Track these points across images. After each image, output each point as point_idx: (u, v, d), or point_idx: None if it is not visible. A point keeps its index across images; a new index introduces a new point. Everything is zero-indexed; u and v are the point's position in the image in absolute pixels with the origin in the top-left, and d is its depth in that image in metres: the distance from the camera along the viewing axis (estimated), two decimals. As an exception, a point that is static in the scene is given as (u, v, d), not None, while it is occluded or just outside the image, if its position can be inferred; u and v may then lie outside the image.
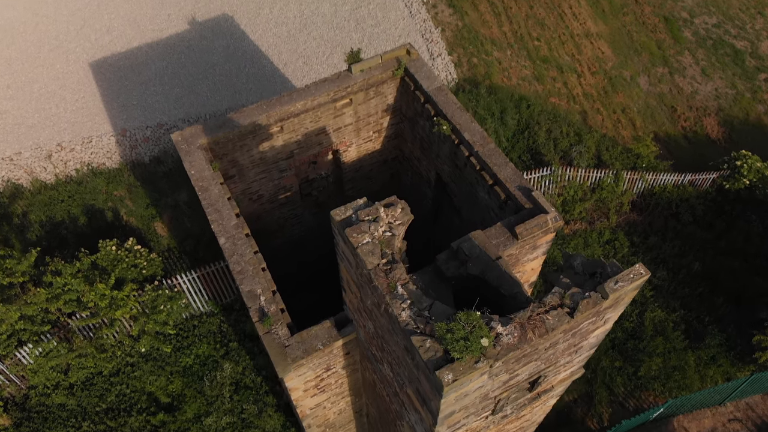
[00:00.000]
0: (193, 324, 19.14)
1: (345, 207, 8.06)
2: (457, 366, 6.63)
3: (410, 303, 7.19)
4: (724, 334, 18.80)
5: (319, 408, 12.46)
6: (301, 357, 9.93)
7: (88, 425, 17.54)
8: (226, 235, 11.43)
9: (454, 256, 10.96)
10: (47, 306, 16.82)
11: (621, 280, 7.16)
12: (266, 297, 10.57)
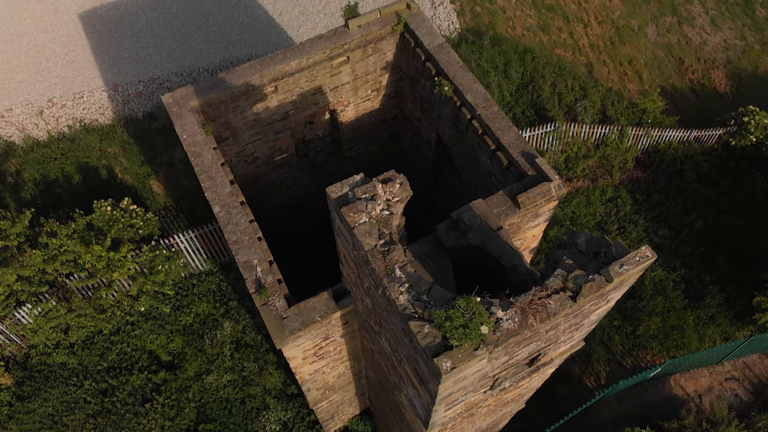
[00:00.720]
0: (192, 283, 19.09)
1: (341, 183, 7.74)
2: (456, 353, 6.46)
3: (408, 287, 6.97)
4: (724, 294, 18.75)
5: (318, 373, 12.47)
6: (299, 329, 9.81)
7: (90, 383, 17.71)
8: (220, 203, 11.14)
9: (454, 226, 10.71)
10: (44, 267, 16.72)
11: (626, 264, 6.92)
12: (263, 268, 10.38)
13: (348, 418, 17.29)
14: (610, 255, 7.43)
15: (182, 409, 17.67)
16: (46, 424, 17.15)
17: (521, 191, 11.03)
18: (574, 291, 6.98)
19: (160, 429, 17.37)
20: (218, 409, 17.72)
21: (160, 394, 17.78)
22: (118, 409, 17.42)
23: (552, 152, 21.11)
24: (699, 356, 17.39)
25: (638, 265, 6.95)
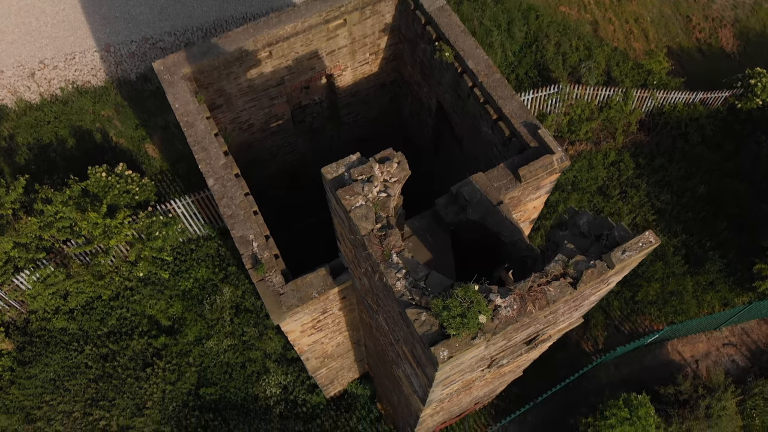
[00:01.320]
0: (190, 248, 18.97)
1: (337, 164, 7.50)
2: (453, 342, 6.36)
3: (405, 273, 6.82)
4: (724, 260, 18.67)
5: (317, 344, 12.47)
6: (296, 305, 9.73)
7: (91, 348, 17.81)
8: (214, 176, 10.92)
9: (453, 200, 10.51)
10: (40, 234, 16.60)
11: (629, 249, 6.76)
12: (259, 243, 10.23)
13: (347, 382, 17.46)
14: (613, 238, 7.26)
15: (183, 374, 17.83)
16: (47, 389, 17.32)
17: (523, 164, 10.80)
18: (575, 277, 6.83)
19: (162, 393, 17.56)
20: (219, 373, 17.88)
21: (160, 358, 17.91)
22: (119, 374, 17.57)
23: (555, 115, 20.71)
24: (697, 322, 17.44)
25: (641, 250, 6.79)
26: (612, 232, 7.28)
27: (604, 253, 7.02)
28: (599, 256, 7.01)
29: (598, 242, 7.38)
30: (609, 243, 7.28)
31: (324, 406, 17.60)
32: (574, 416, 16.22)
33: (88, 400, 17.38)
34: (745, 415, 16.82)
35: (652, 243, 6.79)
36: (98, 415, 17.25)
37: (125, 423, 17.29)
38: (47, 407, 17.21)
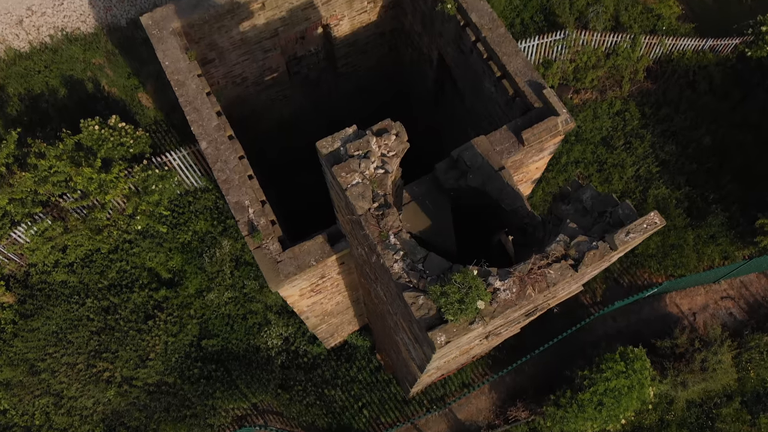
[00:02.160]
0: (188, 200, 18.79)
1: (332, 138, 7.20)
2: (451, 327, 6.27)
3: (403, 254, 6.65)
4: (726, 213, 18.49)
5: (316, 305, 12.47)
6: (294, 273, 9.63)
7: (92, 301, 17.91)
8: (207, 138, 10.60)
9: (453, 165, 10.24)
10: (35, 188, 16.40)
11: (633, 231, 6.56)
12: (255, 209, 10.03)
13: (347, 334, 17.64)
14: (616, 217, 7.06)
15: (185, 326, 18.00)
16: (50, 341, 17.53)
17: (526, 126, 10.47)
18: (576, 259, 6.67)
19: (164, 345, 17.78)
20: (220, 325, 18.04)
21: (161, 311, 18.04)
22: (121, 326, 17.74)
23: (560, 62, 20.07)
24: (696, 277, 17.44)
25: (645, 232, 6.59)
26: (616, 210, 7.07)
27: (607, 233, 6.83)
28: (602, 236, 6.82)
29: (602, 219, 7.18)
30: (612, 221, 7.08)
31: (324, 357, 17.85)
32: (570, 368, 16.45)
33: (91, 352, 17.62)
34: (741, 368, 17.06)
35: (657, 224, 6.59)
36: (102, 367, 17.53)
37: (129, 374, 17.59)
38: (51, 359, 17.47)
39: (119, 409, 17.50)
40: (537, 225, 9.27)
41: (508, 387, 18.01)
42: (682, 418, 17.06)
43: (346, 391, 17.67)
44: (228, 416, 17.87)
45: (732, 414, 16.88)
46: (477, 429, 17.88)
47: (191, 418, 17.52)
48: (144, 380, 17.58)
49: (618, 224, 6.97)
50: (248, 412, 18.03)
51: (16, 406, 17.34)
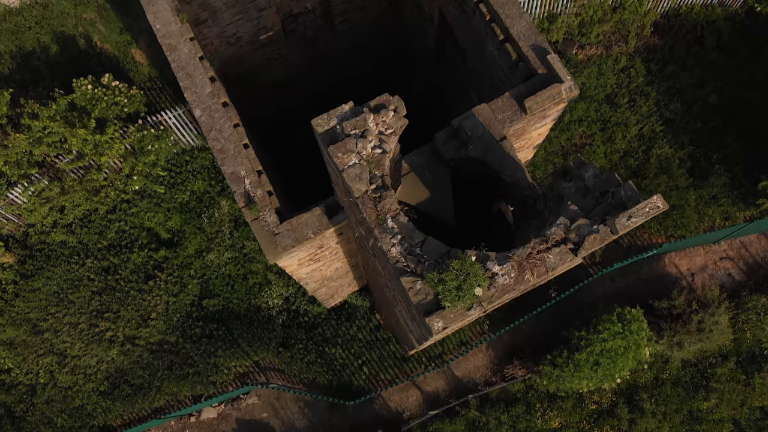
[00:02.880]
0: (185, 159, 18.60)
1: (328, 115, 6.99)
2: (448, 314, 6.22)
3: (401, 238, 6.54)
4: (729, 173, 18.28)
5: (315, 272, 12.46)
6: (292, 246, 9.55)
7: (92, 262, 17.95)
8: (201, 106, 10.34)
9: (454, 135, 10.02)
10: (30, 149, 16.19)
11: (635, 215, 6.43)
12: (251, 180, 9.87)
13: (347, 295, 17.74)
14: (618, 198, 6.92)
15: (185, 286, 18.08)
16: (52, 301, 17.65)
17: (529, 94, 10.18)
18: (576, 243, 6.56)
19: (165, 305, 17.91)
20: (221, 285, 18.13)
21: (162, 271, 18.09)
22: (122, 287, 17.83)
23: (566, 15, 19.46)
24: (696, 239, 17.39)
25: (647, 216, 6.47)
26: (618, 191, 6.92)
27: (609, 216, 6.70)
28: (603, 218, 6.70)
29: (603, 200, 7.05)
30: (615, 202, 6.94)
31: (325, 316, 18.01)
32: (567, 329, 16.60)
33: (93, 312, 17.77)
34: (737, 328, 17.22)
35: (660, 208, 6.46)
36: (104, 327, 17.71)
37: (131, 333, 17.78)
38: (53, 319, 17.63)
39: (123, 368, 17.78)
40: (537, 197, 9.14)
41: (506, 345, 18.24)
42: (677, 377, 17.34)
43: (346, 349, 17.90)
44: (230, 373, 18.17)
45: (727, 373, 17.14)
46: (474, 386, 18.21)
47: (194, 376, 17.81)
48: (146, 339, 17.79)
49: (620, 205, 6.83)
50: (250, 369, 18.32)
51: (20, 365, 17.61)
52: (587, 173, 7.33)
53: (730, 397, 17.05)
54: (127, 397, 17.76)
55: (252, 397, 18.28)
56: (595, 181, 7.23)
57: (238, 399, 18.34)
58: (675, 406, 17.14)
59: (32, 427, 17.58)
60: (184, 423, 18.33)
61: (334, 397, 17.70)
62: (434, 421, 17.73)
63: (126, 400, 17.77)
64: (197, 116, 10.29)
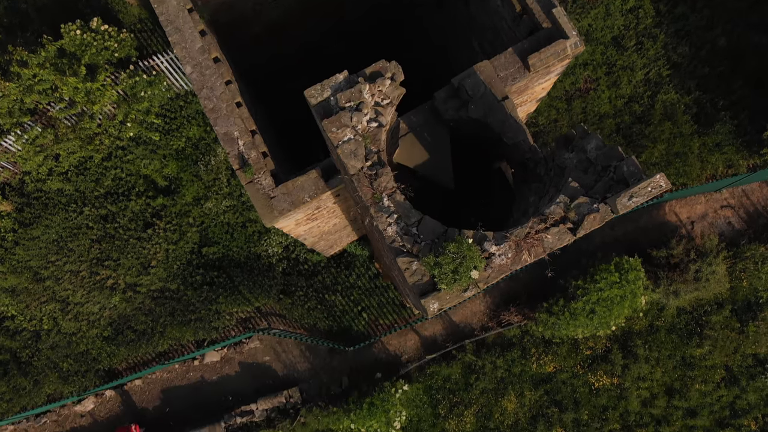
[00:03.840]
0: (179, 105, 18.21)
1: (321, 86, 6.73)
2: (444, 295, 6.18)
3: (397, 218, 6.42)
4: (735, 120, 17.91)
5: (313, 229, 12.41)
6: (288, 210, 9.44)
7: (90, 210, 17.89)
8: (191, 62, 9.98)
9: (454, 94, 9.73)
10: (22, 98, 15.84)
11: (636, 195, 6.28)
12: (245, 141, 9.65)
13: (346, 244, 17.77)
14: (620, 173, 6.76)
15: (184, 233, 18.09)
16: (51, 249, 17.70)
17: (533, 50, 9.81)
18: (575, 222, 6.45)
19: (165, 253, 17.97)
20: (220, 233, 18.12)
21: (160, 219, 18.06)
22: (121, 235, 17.84)
23: (572, -48, 18.58)
24: (698, 188, 17.23)
25: (649, 196, 6.32)
26: (621, 165, 6.75)
27: (610, 193, 6.56)
28: (604, 196, 6.56)
29: (605, 174, 6.88)
30: (616, 177, 6.78)
31: (324, 264, 18.11)
32: (564, 277, 16.70)
33: (93, 260, 17.85)
34: (734, 277, 17.32)
35: (663, 187, 6.31)
36: (105, 274, 17.84)
37: (132, 281, 17.93)
38: (54, 267, 17.74)
39: (125, 314, 18.04)
40: (539, 160, 8.96)
41: (503, 292, 18.42)
42: (672, 324, 17.61)
43: (346, 296, 18.10)
44: (232, 319, 18.44)
45: (721, 321, 17.39)
46: (471, 330, 18.52)
47: (196, 322, 18.09)
48: (147, 287, 17.96)
49: (622, 181, 6.68)
50: (252, 314, 18.60)
51: (23, 312, 17.86)
52: (590, 145, 7.14)
53: (724, 345, 17.37)
54: (131, 343, 18.11)
55: (254, 341, 18.64)
56: (598, 154, 7.04)
57: (240, 343, 18.70)
58: (668, 353, 17.49)
59: (38, 371, 18.02)
60: (188, 366, 18.77)
61: (335, 342, 18.05)
62: (431, 364, 18.15)
63: (130, 345, 18.13)
64: (188, 73, 9.96)
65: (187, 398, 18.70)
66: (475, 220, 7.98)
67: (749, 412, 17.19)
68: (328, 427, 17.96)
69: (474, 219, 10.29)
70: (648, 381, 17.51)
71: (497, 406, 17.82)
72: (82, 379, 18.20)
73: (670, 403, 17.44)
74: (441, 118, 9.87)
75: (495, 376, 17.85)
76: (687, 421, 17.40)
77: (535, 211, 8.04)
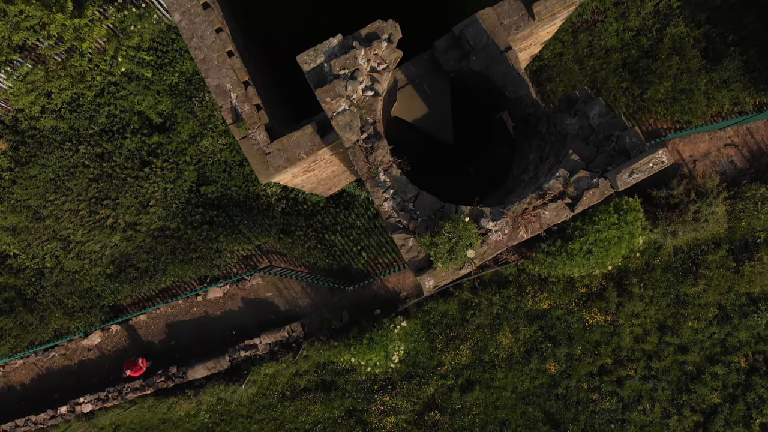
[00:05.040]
0: (170, 37, 17.60)
1: (314, 51, 6.46)
2: (440, 272, 6.18)
3: (393, 193, 6.32)
4: (744, 56, 17.33)
5: (310, 178, 12.29)
6: (284, 166, 9.28)
7: (85, 148, 17.71)
8: (180, 9, 9.52)
9: (455, 43, 9.37)
10: (9, 35, 15.33)
11: (637, 171, 6.15)
12: (237, 94, 9.36)
13: (345, 185, 17.67)
14: (622, 144, 6.62)
15: (182, 172, 17.97)
16: (49, 188, 17.65)
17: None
18: (574, 198, 6.35)
19: (163, 191, 17.92)
20: (218, 171, 18.00)
21: (156, 157, 17.89)
22: (118, 174, 17.73)
23: None
24: (702, 128, 16.92)
25: (650, 172, 6.19)
26: (623, 136, 6.58)
27: (611, 166, 6.42)
28: (604, 169, 6.43)
29: (607, 144, 6.71)
30: (618, 147, 6.62)
31: (323, 204, 18.08)
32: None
33: (92, 199, 17.83)
34: (733, 217, 17.30)
35: (664, 163, 6.17)
36: (104, 214, 17.87)
37: (132, 220, 17.99)
38: (53, 206, 17.75)
39: (127, 252, 18.22)
40: (540, 116, 8.75)
41: (502, 231, 18.48)
42: (668, 263, 17.78)
43: (346, 236, 18.19)
44: (233, 256, 18.64)
45: (717, 260, 17.54)
46: (470, 268, 18.73)
47: (198, 260, 18.30)
48: (147, 226, 18.04)
49: (623, 152, 6.54)
50: (252, 252, 18.77)
51: (25, 250, 18.03)
52: (593, 111, 6.95)
53: (718, 283, 17.60)
54: (134, 280, 18.39)
55: (256, 278, 18.91)
56: (600, 122, 6.86)
57: (242, 279, 18.99)
58: (663, 291, 17.76)
59: (44, 308, 18.41)
60: (191, 302, 19.14)
61: (335, 282, 18.31)
62: (429, 301, 18.49)
63: (133, 282, 18.42)
64: (176, 21, 9.54)
65: (192, 332, 19.20)
66: (474, 171, 7.82)
67: (740, 349, 17.67)
68: (330, 360, 18.54)
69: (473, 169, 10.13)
70: (641, 318, 17.89)
71: (492, 341, 18.31)
72: (88, 315, 18.63)
73: (662, 340, 17.89)
74: (441, 69, 9.55)
75: (491, 312, 18.24)
76: (678, 357, 17.92)
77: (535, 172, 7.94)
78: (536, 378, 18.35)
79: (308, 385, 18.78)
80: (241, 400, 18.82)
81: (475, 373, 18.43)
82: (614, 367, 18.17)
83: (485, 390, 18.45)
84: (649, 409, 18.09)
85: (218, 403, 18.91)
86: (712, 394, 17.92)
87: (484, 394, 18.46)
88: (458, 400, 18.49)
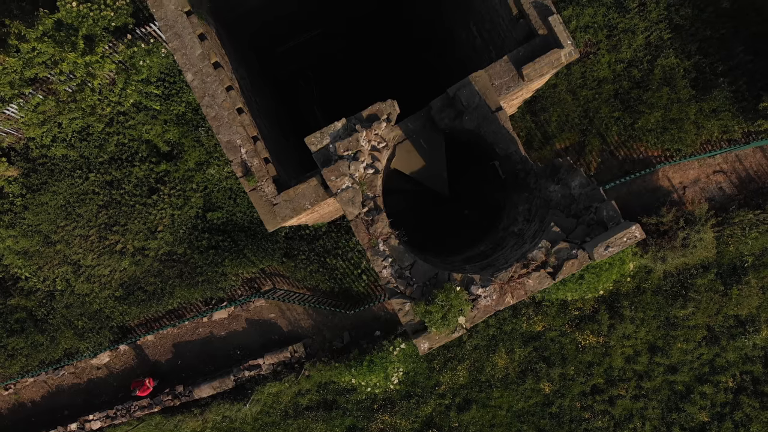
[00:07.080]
0: (178, 69, 18.23)
1: (321, 133, 7.09)
2: (434, 336, 6.79)
3: (392, 261, 6.94)
4: (733, 86, 17.96)
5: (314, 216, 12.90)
6: (290, 216, 9.90)
7: (95, 176, 18.34)
8: (192, 69, 10.17)
9: (449, 103, 10.01)
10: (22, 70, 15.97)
11: (612, 245, 6.77)
12: (247, 149, 9.99)
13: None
14: (600, 215, 7.23)
15: (188, 199, 18.60)
16: (60, 215, 18.28)
17: (528, 59, 9.96)
18: (555, 267, 6.97)
19: (170, 218, 18.55)
20: (223, 198, 18.62)
21: (164, 185, 18.51)
22: (127, 200, 18.36)
23: None
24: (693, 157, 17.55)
25: (624, 246, 6.81)
26: (600, 209, 7.20)
27: (589, 236, 7.04)
28: (583, 240, 7.05)
29: (586, 214, 7.33)
30: (596, 218, 7.24)
31: (325, 230, 18.71)
32: (557, 244, 17.33)
33: (102, 225, 18.46)
34: (721, 242, 17.91)
35: (637, 237, 6.79)
36: (114, 239, 18.50)
37: (140, 245, 18.62)
38: (63, 232, 18.38)
39: (135, 276, 18.85)
40: (529, 170, 9.37)
41: (498, 254, 19.11)
42: (658, 287, 18.40)
43: (347, 260, 18.81)
44: (238, 279, 19.27)
45: (706, 284, 18.16)
46: (467, 290, 19.35)
47: (204, 283, 18.93)
48: (155, 251, 18.67)
49: (601, 223, 7.15)
50: (256, 275, 19.39)
51: (36, 274, 18.66)
52: (574, 182, 7.56)
53: (707, 306, 18.23)
54: (142, 302, 19.02)
55: (259, 300, 19.54)
56: (581, 192, 7.47)
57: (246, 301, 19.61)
58: (653, 313, 18.39)
59: (54, 328, 19.05)
60: (197, 322, 19.77)
61: (336, 307, 18.94)
62: (428, 322, 19.10)
63: (141, 305, 19.06)
64: (189, 80, 10.19)
65: (198, 352, 19.84)
66: (469, 213, 8.40)
67: (728, 370, 18.30)
68: (331, 380, 19.17)
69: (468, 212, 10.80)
70: (632, 339, 18.52)
71: (488, 361, 18.94)
72: (97, 336, 19.26)
73: (652, 360, 18.52)
74: (436, 126, 10.17)
75: (487, 334, 18.86)
76: (668, 377, 18.55)
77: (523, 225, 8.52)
78: (531, 397, 18.98)
79: (310, 404, 19.41)
80: (245, 418, 19.46)
81: (471, 393, 19.06)
82: (606, 387, 18.81)
83: (482, 409, 19.08)
84: (640, 427, 18.72)
85: (223, 421, 19.54)
86: (700, 412, 18.55)
87: (481, 412, 19.09)
88: (455, 419, 19.12)
